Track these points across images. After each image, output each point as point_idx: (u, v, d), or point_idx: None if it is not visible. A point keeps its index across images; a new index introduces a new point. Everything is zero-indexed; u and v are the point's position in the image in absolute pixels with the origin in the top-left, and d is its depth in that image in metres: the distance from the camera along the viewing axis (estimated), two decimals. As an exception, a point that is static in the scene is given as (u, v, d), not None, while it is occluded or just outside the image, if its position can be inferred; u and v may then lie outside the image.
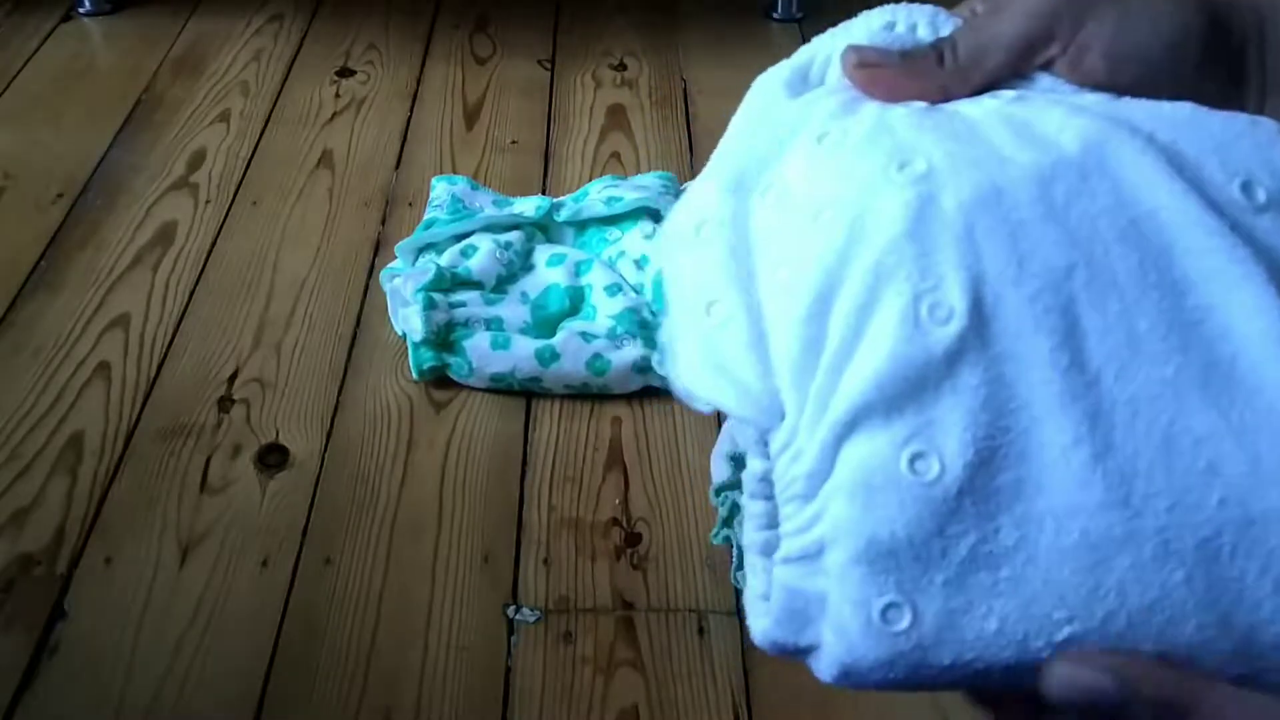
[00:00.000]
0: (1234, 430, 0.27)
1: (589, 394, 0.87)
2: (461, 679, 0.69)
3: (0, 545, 0.75)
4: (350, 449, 0.83)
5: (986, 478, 0.28)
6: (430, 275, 0.88)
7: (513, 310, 0.89)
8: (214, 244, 1.01)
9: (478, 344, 0.86)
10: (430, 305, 0.86)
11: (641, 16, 1.36)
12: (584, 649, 0.70)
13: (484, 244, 0.91)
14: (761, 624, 0.30)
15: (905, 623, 0.28)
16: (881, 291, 0.28)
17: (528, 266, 0.93)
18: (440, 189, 1.00)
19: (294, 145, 1.14)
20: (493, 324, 0.88)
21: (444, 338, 0.86)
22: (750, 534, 0.31)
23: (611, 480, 0.81)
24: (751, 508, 0.31)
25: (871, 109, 0.32)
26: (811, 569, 0.29)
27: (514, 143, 1.16)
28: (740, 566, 0.73)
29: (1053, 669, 0.27)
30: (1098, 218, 0.29)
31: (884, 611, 0.28)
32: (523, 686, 0.69)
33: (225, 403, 0.86)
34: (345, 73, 1.27)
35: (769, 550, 0.31)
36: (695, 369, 0.31)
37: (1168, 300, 0.28)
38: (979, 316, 0.28)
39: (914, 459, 0.28)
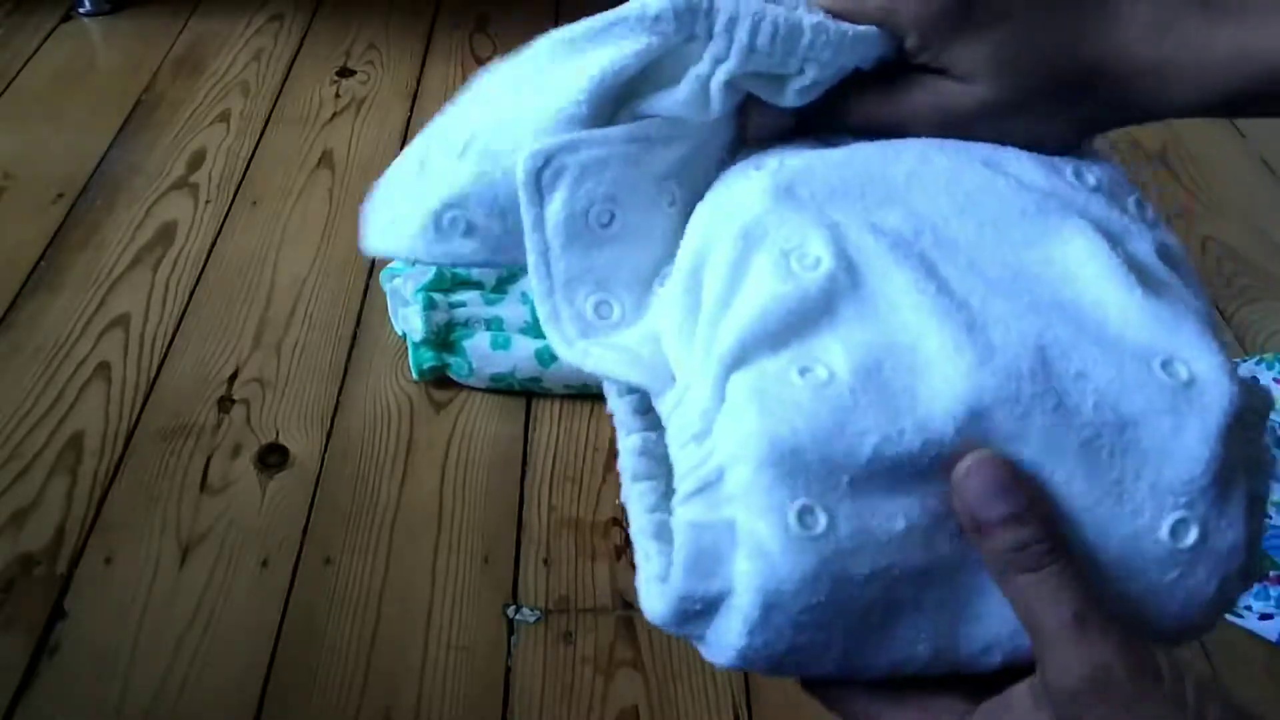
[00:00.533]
0: (1096, 343, 0.29)
1: (589, 394, 0.87)
2: (461, 679, 0.69)
3: (0, 545, 0.75)
4: (350, 449, 0.83)
5: (879, 383, 0.29)
6: (430, 275, 0.87)
7: (513, 310, 0.89)
8: (214, 244, 1.01)
9: (478, 344, 0.86)
10: (430, 305, 0.86)
11: (641, 16, 1.36)
12: (584, 649, 0.70)
13: (484, 244, 0.91)
14: (657, 592, 0.29)
15: (822, 525, 0.27)
16: (751, 252, 0.31)
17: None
18: (440, 189, 1.00)
19: (294, 145, 1.14)
20: (493, 324, 0.88)
21: (444, 338, 0.86)
22: (639, 518, 0.31)
23: (611, 480, 0.81)
24: (635, 490, 0.31)
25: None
26: (715, 498, 0.29)
27: (514, 143, 1.16)
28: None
29: (961, 466, 0.28)
30: (937, 194, 0.32)
31: (800, 516, 0.27)
32: (523, 686, 0.69)
33: (225, 403, 0.86)
34: (345, 73, 1.27)
35: (661, 533, 0.30)
36: (581, 347, 0.32)
37: (1010, 255, 0.31)
38: (845, 261, 0.30)
39: (803, 371, 0.29)
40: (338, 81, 1.25)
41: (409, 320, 0.87)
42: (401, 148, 1.29)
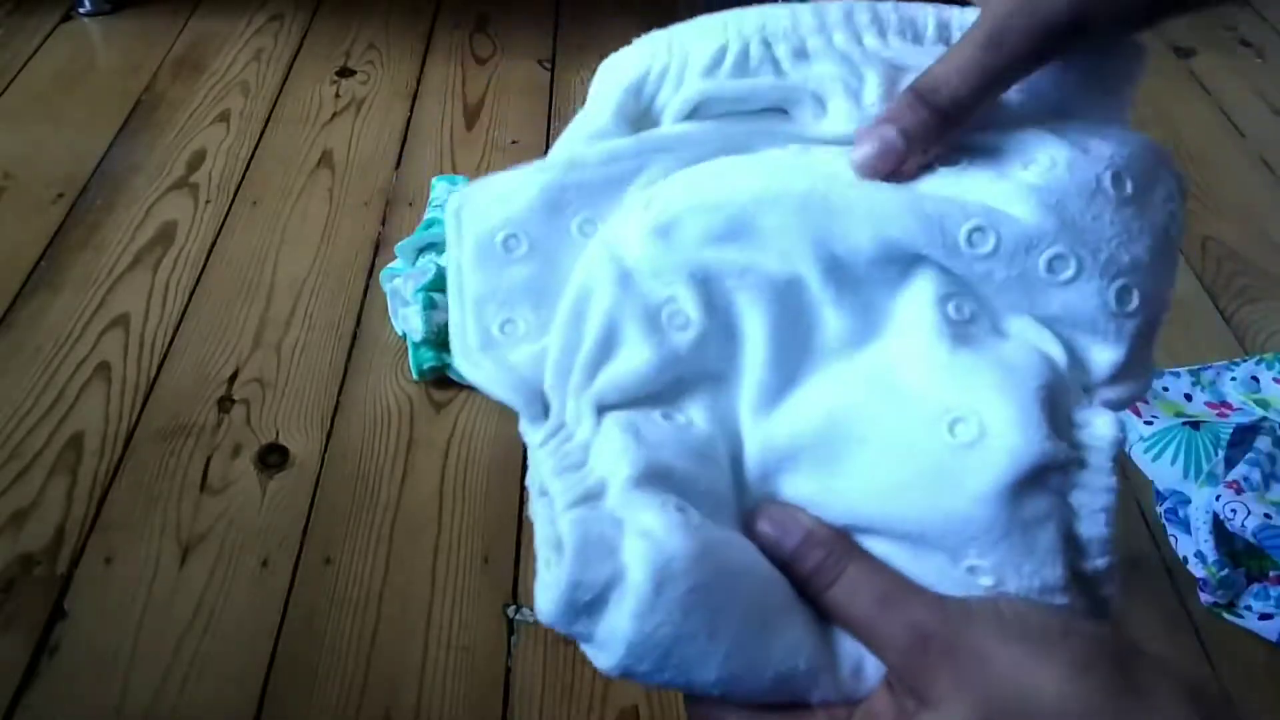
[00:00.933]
0: (890, 407, 0.31)
1: (589, 394, 0.87)
2: (461, 679, 0.69)
3: (0, 545, 0.75)
4: (350, 449, 0.83)
5: (723, 435, 0.32)
6: (430, 275, 0.87)
7: (513, 310, 0.89)
8: (214, 244, 1.01)
9: (478, 344, 0.86)
10: (430, 305, 0.86)
11: (641, 16, 1.36)
12: (584, 649, 0.70)
13: (484, 244, 0.91)
14: (554, 576, 0.29)
15: (698, 519, 0.30)
16: (625, 301, 0.32)
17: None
18: (440, 189, 1.00)
19: (294, 145, 1.14)
20: (493, 324, 0.88)
21: (444, 338, 0.86)
22: (543, 528, 0.31)
23: (611, 480, 0.81)
24: (540, 505, 0.32)
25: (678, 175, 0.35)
26: (598, 503, 0.30)
27: (514, 142, 1.16)
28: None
29: (754, 521, 0.32)
30: (804, 250, 0.32)
31: (677, 508, 0.30)
32: (523, 686, 0.69)
33: (225, 403, 0.86)
34: (345, 73, 1.27)
35: (560, 546, 0.31)
36: (475, 359, 0.34)
37: (856, 318, 0.33)
38: (713, 318, 0.33)
39: (667, 416, 0.32)
40: (337, 81, 1.25)
41: (409, 320, 0.87)
42: (402, 148, 1.29)
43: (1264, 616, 0.73)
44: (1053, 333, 0.32)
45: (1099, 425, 0.30)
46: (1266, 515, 0.72)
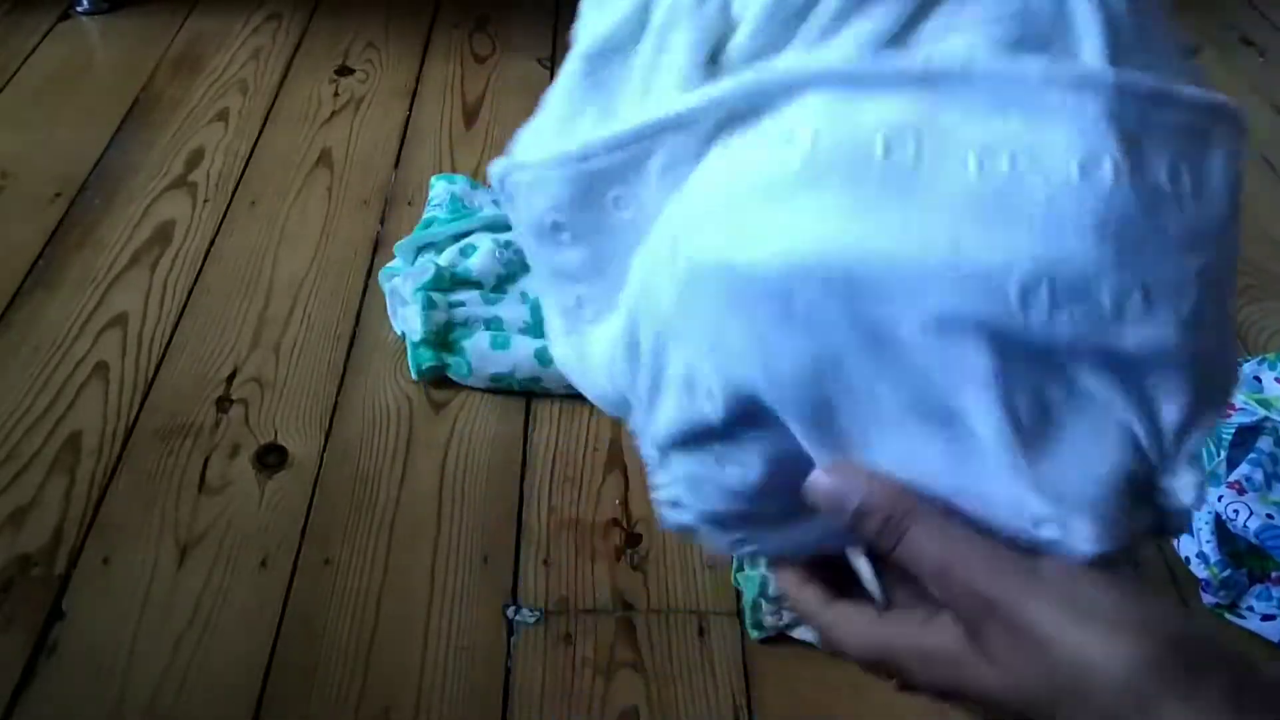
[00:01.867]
0: (967, 488, 0.30)
1: (589, 394, 0.86)
2: (461, 679, 0.69)
3: (-2, 545, 0.75)
4: (350, 449, 0.83)
5: (781, 482, 0.33)
6: (429, 275, 0.87)
7: (512, 310, 0.89)
8: (212, 243, 1.01)
9: (477, 344, 0.86)
10: (430, 305, 0.86)
11: (641, 15, 1.35)
12: (584, 650, 0.70)
13: (483, 243, 0.91)
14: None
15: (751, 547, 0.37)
16: (663, 355, 0.33)
17: (527, 266, 0.93)
18: (439, 188, 1.00)
19: (292, 144, 1.14)
20: (492, 324, 0.88)
21: (443, 338, 0.86)
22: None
23: (611, 481, 0.81)
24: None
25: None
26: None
27: (513, 142, 1.16)
28: (740, 568, 0.73)
29: (810, 479, 0.32)
30: (840, 333, 0.29)
31: (735, 544, 0.36)
32: (523, 687, 0.68)
33: (224, 403, 0.86)
34: (344, 71, 1.26)
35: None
36: (564, 354, 0.37)
37: (910, 390, 0.29)
38: (736, 403, 0.32)
39: (724, 466, 0.34)
40: (336, 80, 1.25)
41: (408, 320, 0.86)
42: (401, 147, 1.28)
43: (1266, 617, 0.73)
44: (1127, 387, 0.29)
45: (1181, 491, 0.30)
46: (1269, 516, 0.72)
